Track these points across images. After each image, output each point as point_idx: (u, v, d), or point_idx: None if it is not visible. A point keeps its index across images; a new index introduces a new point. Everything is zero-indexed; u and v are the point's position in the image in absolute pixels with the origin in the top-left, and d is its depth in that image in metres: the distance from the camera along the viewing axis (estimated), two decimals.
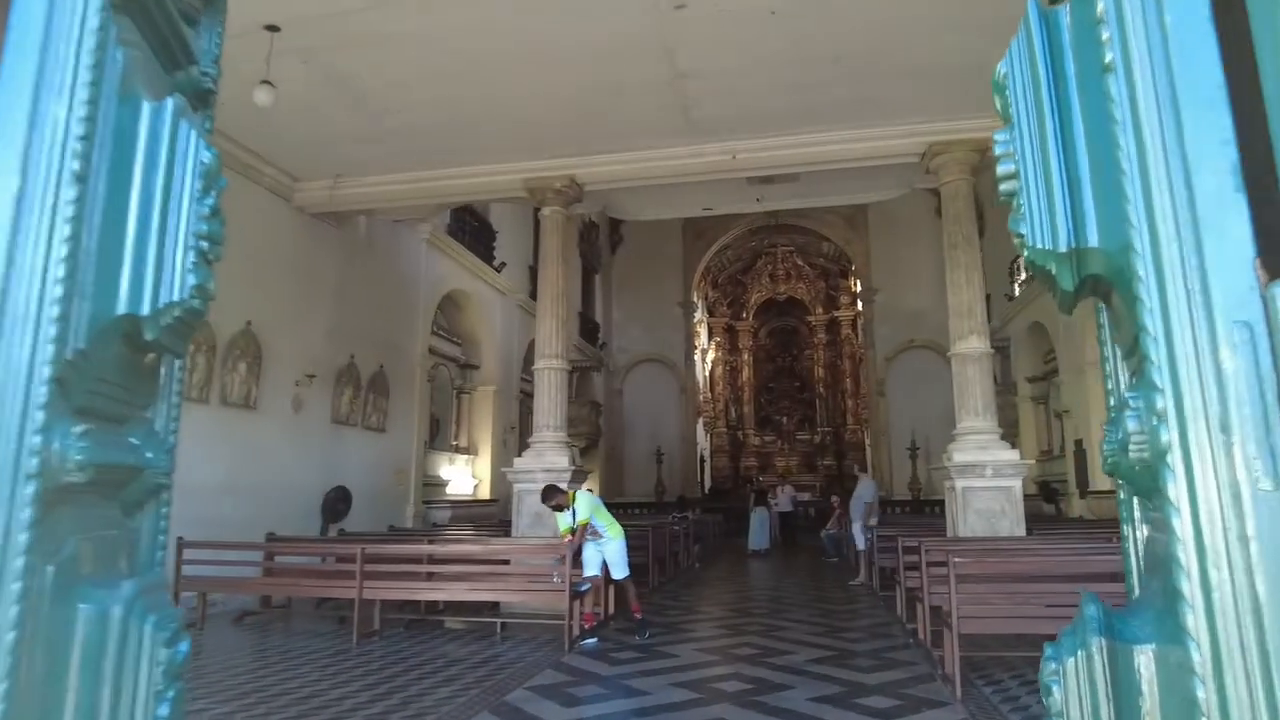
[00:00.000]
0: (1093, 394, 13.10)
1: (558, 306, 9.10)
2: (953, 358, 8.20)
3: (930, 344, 20.94)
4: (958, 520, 7.62)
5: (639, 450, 22.25)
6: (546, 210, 9.32)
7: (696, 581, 11.26)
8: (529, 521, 8.59)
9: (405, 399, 12.50)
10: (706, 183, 9.77)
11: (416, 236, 12.83)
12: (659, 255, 22.78)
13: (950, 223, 8.33)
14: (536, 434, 8.97)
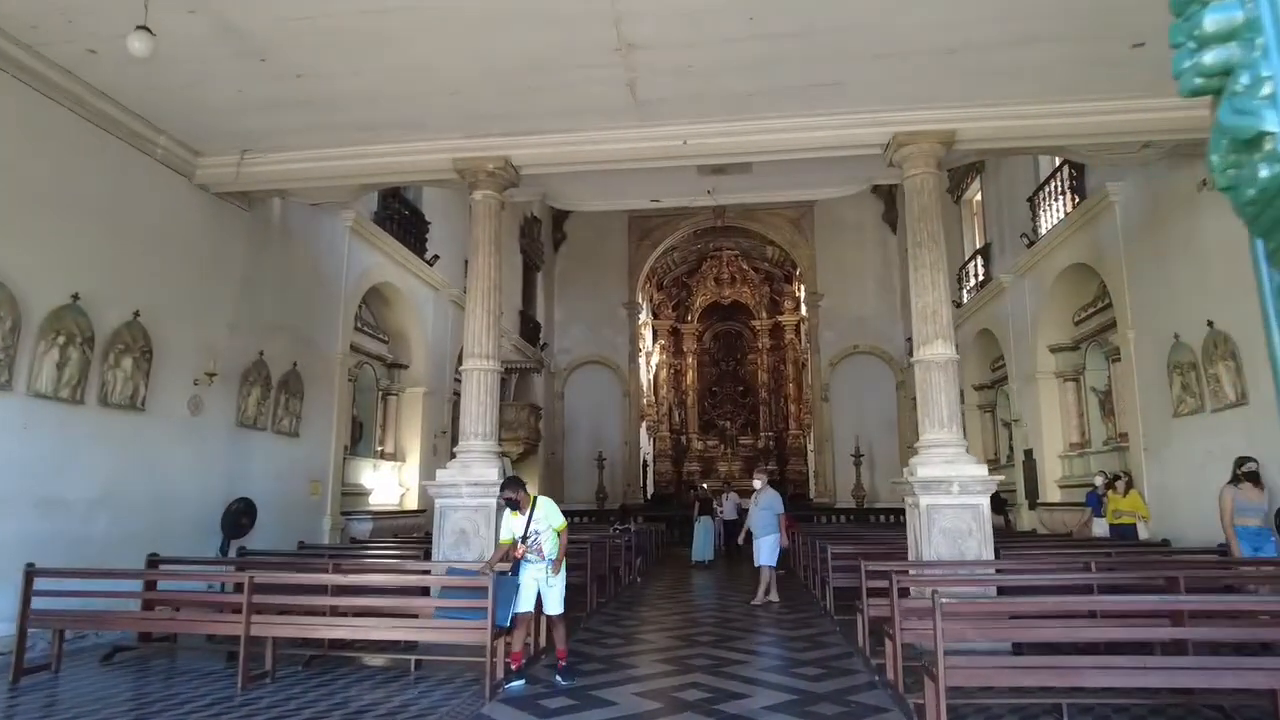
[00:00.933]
0: (1044, 402, 12.76)
1: (489, 301, 8.17)
2: (916, 364, 7.57)
3: (874, 350, 20.65)
4: (922, 540, 6.96)
5: (580, 455, 21.36)
6: (478, 194, 8.38)
7: (638, 600, 10.43)
8: (452, 541, 7.63)
9: (323, 400, 11.37)
10: (654, 171, 8.96)
11: (339, 224, 11.71)
12: (603, 254, 21.95)
13: (915, 219, 7.70)
14: (463, 443, 8.02)
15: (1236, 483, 7.11)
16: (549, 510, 6.17)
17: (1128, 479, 9.55)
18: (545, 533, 6.06)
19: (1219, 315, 8.44)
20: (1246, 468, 7.11)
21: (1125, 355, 10.24)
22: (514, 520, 6.12)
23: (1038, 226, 12.58)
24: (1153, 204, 9.62)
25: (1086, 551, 7.61)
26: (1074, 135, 7.75)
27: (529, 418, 17.32)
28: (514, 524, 6.12)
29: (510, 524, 6.12)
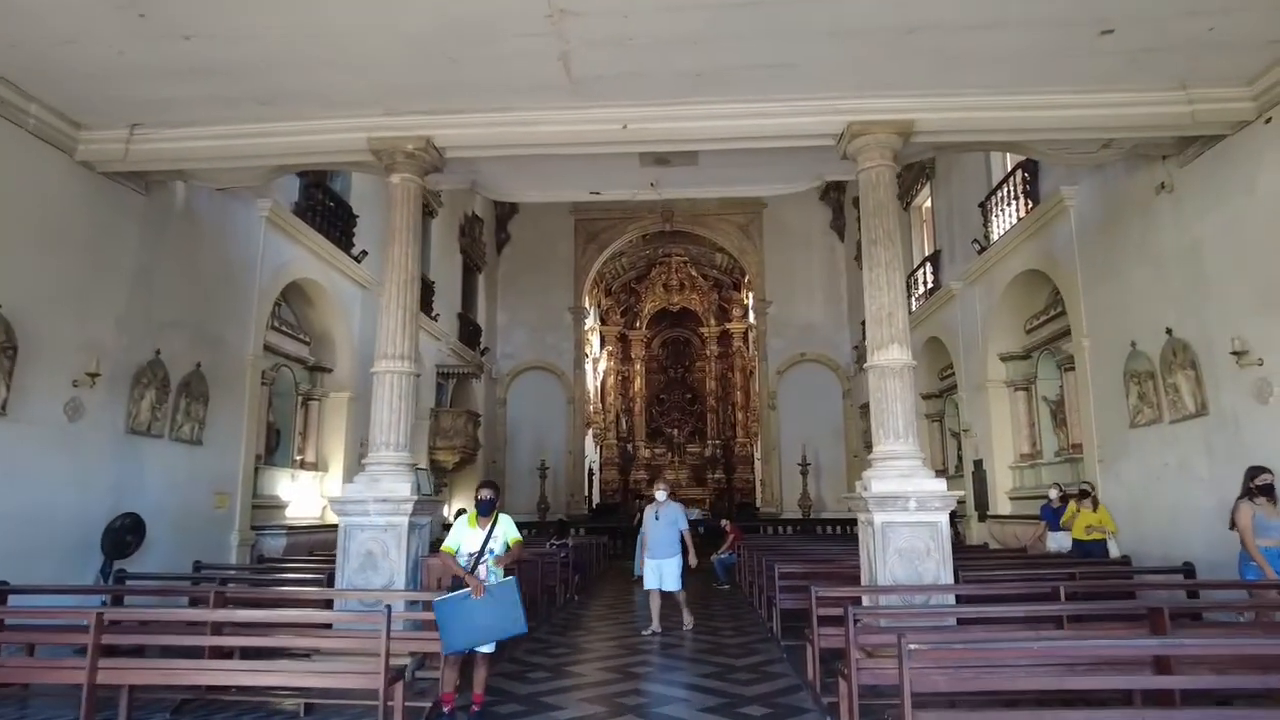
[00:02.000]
0: (994, 411, 12.37)
1: (405, 295, 7.32)
2: (869, 370, 6.95)
3: (821, 358, 20.26)
4: (876, 562, 6.33)
5: (522, 464, 20.46)
6: (396, 178, 7.52)
7: (574, 623, 9.62)
8: (358, 565, 6.74)
9: (232, 405, 10.31)
10: (594, 160, 8.22)
11: (253, 213, 10.68)
12: (549, 257, 21.14)
13: (869, 215, 7.11)
14: (372, 454, 7.14)
15: (1251, 497, 6.12)
16: (508, 527, 5.52)
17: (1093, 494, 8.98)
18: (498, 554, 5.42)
19: (1178, 323, 8.06)
20: (1261, 480, 6.12)
21: (1079, 364, 9.85)
22: (469, 532, 5.31)
23: (989, 232, 12.22)
24: (1108, 208, 9.25)
25: (1052, 571, 7.09)
26: (1035, 129, 7.26)
27: (466, 425, 16.37)
28: (468, 536, 5.32)
29: (462, 534, 5.31)
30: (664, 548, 8.72)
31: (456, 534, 5.46)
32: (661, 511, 8.87)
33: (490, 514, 5.48)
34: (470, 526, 5.45)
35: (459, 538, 5.42)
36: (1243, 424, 7.26)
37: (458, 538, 5.42)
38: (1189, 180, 7.94)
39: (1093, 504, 8.79)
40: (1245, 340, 7.09)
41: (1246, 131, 7.18)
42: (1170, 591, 6.45)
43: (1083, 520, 8.76)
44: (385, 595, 6.55)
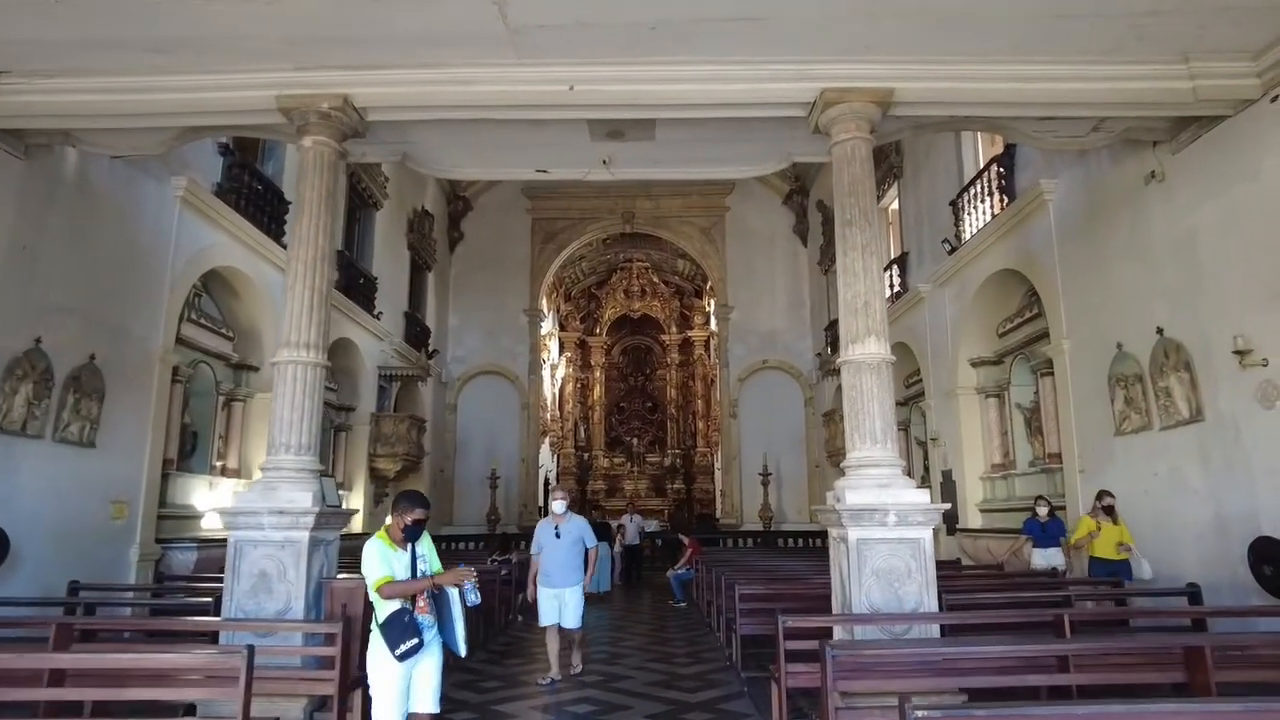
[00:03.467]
0: (964, 420, 11.65)
1: (314, 275, 6.28)
2: (844, 366, 6.10)
3: (783, 365, 19.54)
4: (850, 584, 5.45)
5: (473, 473, 19.27)
6: (308, 141, 6.49)
7: (514, 649, 8.59)
8: (249, 587, 5.66)
9: (135, 403, 9.09)
10: (540, 131, 7.29)
11: (166, 191, 9.51)
12: (504, 258, 20.08)
13: (843, 194, 6.28)
14: (270, 457, 6.07)
15: None
16: (428, 543, 4.24)
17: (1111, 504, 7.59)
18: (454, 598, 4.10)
19: (1169, 321, 7.37)
20: None
21: (1059, 368, 9.16)
22: (394, 556, 3.98)
23: (960, 232, 11.54)
24: (1091, 201, 8.58)
25: (1046, 596, 6.29)
26: (1025, 104, 6.52)
27: (409, 431, 15.22)
28: (395, 560, 3.98)
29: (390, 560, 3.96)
30: (565, 573, 6.82)
31: (383, 560, 3.94)
32: (563, 528, 6.90)
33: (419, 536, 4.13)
34: (390, 548, 4.08)
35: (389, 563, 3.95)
36: (1243, 430, 6.56)
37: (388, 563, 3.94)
38: (1181, 168, 7.27)
39: (1113, 519, 7.54)
40: (1249, 338, 6.40)
41: (1249, 113, 6.52)
42: (1175, 617, 5.66)
43: (1109, 536, 7.45)
44: (279, 625, 5.51)
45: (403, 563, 3.99)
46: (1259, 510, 6.35)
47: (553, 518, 7.08)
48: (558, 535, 6.90)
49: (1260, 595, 6.12)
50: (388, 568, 3.89)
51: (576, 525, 7.07)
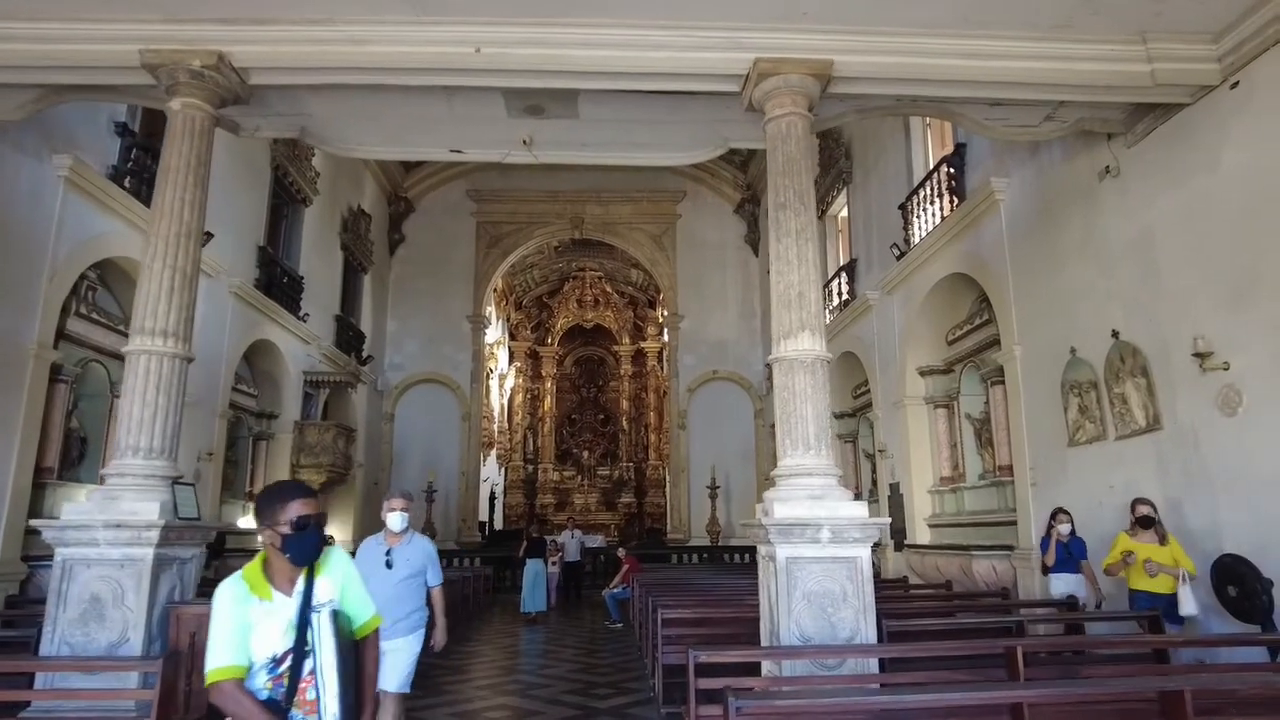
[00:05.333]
0: (912, 431, 11.12)
1: (176, 253, 5.44)
2: (775, 364, 5.45)
3: (733, 376, 18.97)
4: (779, 609, 4.76)
5: (410, 486, 18.08)
6: (177, 103, 5.66)
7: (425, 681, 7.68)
8: (77, 614, 4.75)
9: (3, 404, 8.07)
10: (452, 105, 6.57)
11: (46, 171, 8.52)
12: (447, 262, 19.19)
13: (778, 174, 5.65)
14: (114, 462, 5.19)
15: None
16: (348, 572, 2.51)
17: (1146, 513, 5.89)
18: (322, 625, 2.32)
19: (1125, 324, 6.88)
20: None
21: (1010, 375, 8.65)
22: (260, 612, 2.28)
23: (910, 236, 11.06)
24: (1043, 200, 8.11)
25: (996, 623, 5.66)
26: (975, 81, 5.97)
27: (336, 440, 14.22)
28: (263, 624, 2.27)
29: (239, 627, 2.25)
30: (393, 618, 4.35)
31: (232, 628, 2.24)
32: (399, 553, 4.58)
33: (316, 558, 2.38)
34: (259, 597, 2.29)
35: (240, 633, 2.24)
36: (1203, 439, 6.06)
37: (238, 635, 2.24)
38: (1136, 162, 6.82)
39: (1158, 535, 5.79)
40: (1209, 340, 5.91)
41: (1208, 101, 6.08)
42: (1135, 646, 5.07)
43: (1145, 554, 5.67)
44: (110, 664, 4.61)
45: (280, 624, 2.24)
46: (1221, 526, 5.84)
47: (385, 537, 4.64)
48: (389, 564, 4.53)
49: (1223, 617, 5.59)
50: (235, 643, 2.18)
51: (419, 551, 4.68)
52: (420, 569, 4.65)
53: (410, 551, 4.63)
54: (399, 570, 4.53)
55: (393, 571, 4.53)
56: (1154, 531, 5.80)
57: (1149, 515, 5.85)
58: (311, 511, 2.32)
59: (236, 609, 2.22)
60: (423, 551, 4.71)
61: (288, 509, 2.30)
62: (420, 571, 4.65)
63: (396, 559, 4.56)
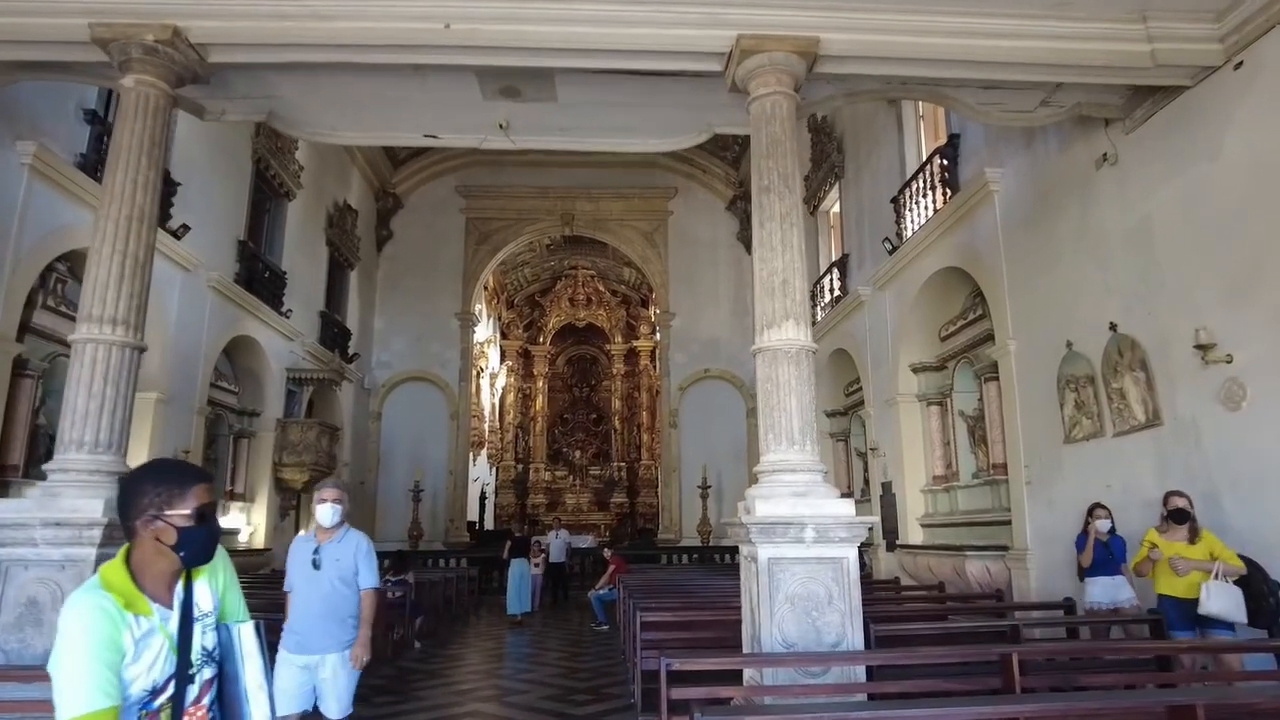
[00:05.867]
0: (905, 429, 10.86)
1: (127, 237, 5.14)
2: (758, 355, 5.17)
3: (725, 375, 18.69)
4: (760, 612, 4.47)
5: (397, 485, 17.95)
6: (130, 80, 5.36)
7: (403, 683, 7.41)
8: (15, 619, 4.45)
9: None
10: (426, 87, 6.28)
11: (10, 158, 8.21)
12: (436, 258, 18.89)
13: (761, 156, 5.37)
14: (59, 457, 4.89)
15: None
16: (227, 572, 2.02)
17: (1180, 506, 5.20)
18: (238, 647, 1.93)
19: (1124, 317, 6.62)
20: None
21: (1004, 370, 8.38)
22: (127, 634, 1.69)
23: (902, 230, 10.79)
24: (1039, 191, 7.85)
25: (989, 627, 5.38)
26: (969, 61, 5.69)
27: (319, 438, 13.89)
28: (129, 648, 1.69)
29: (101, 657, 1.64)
30: (326, 628, 3.93)
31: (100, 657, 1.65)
32: (328, 551, 4.05)
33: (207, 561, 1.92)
34: (136, 613, 1.74)
35: (111, 664, 1.66)
36: (1205, 435, 5.80)
37: (108, 667, 1.65)
38: (1135, 150, 6.56)
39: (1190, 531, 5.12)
40: (1211, 332, 5.64)
41: (1210, 83, 5.82)
42: (1139, 652, 4.79)
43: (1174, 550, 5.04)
44: (35, 675, 4.29)
45: (160, 644, 1.77)
46: (1224, 526, 5.56)
47: (314, 533, 4.15)
48: (316, 564, 4.00)
49: None
50: (104, 678, 1.64)
51: (350, 549, 4.09)
52: (352, 572, 4.07)
53: (341, 550, 4.06)
54: (327, 571, 3.99)
55: (320, 572, 3.99)
56: (1187, 529, 5.14)
57: (1184, 509, 5.15)
58: (212, 499, 1.91)
59: (105, 631, 1.67)
60: (354, 550, 4.09)
61: (187, 495, 1.83)
62: (353, 574, 4.07)
63: (325, 558, 4.01)
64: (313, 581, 3.97)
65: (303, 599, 3.98)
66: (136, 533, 1.81)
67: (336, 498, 4.11)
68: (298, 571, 4.03)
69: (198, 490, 1.87)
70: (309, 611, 3.93)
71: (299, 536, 4.27)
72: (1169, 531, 5.22)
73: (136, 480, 1.87)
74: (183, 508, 1.82)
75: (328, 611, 3.92)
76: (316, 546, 4.05)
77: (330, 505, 4.08)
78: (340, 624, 3.96)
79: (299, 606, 3.98)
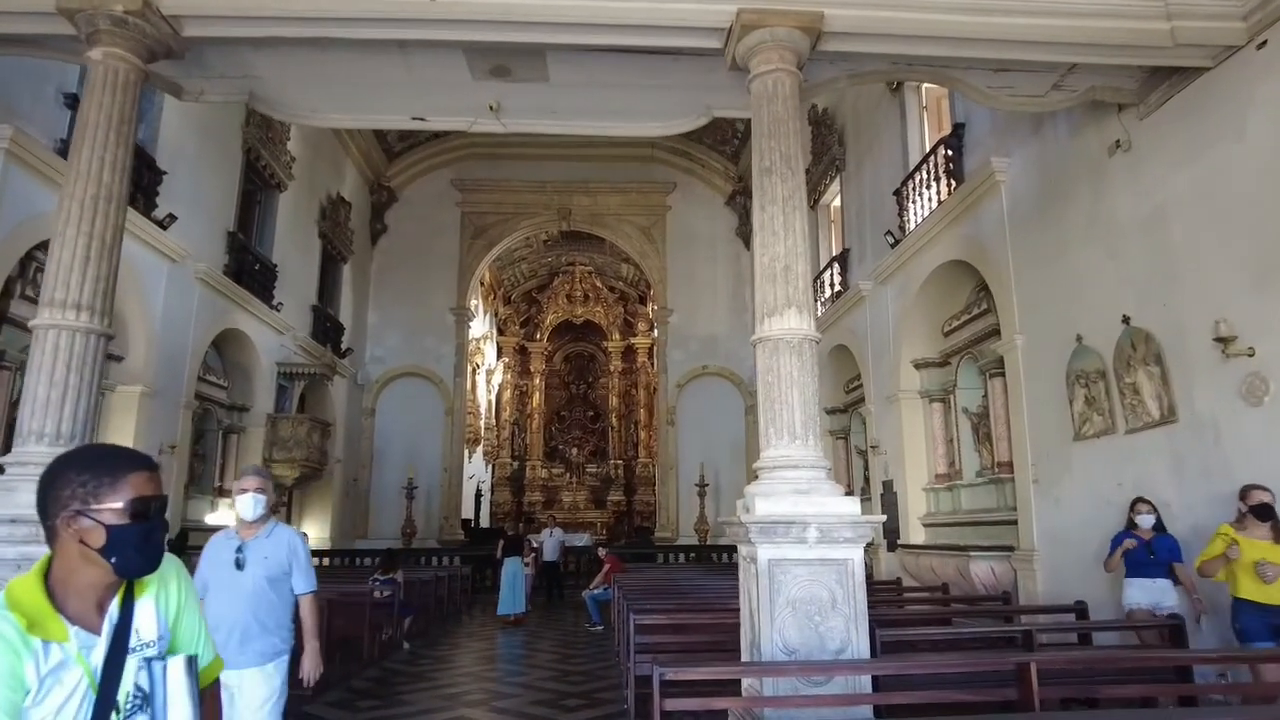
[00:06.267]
0: (906, 426, 10.58)
1: (93, 218, 4.85)
2: (758, 345, 4.89)
3: (723, 372, 18.43)
4: (760, 617, 4.20)
5: (392, 482, 17.67)
6: (97, 53, 5.08)
7: (388, 686, 7.12)
8: None
9: None
10: (411, 66, 6.01)
11: None
12: (431, 253, 18.60)
13: (763, 135, 5.10)
14: (17, 449, 4.61)
15: None
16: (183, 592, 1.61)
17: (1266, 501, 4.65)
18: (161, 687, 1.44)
19: (1137, 309, 6.34)
20: None
21: (1011, 366, 8.11)
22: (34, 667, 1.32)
23: (905, 223, 10.52)
24: (1048, 180, 7.58)
25: (1000, 632, 5.11)
26: (976, 39, 5.41)
27: (310, 434, 13.60)
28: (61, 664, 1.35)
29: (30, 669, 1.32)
30: (248, 639, 3.37)
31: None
32: (253, 548, 3.48)
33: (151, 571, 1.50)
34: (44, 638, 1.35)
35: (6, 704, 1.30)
36: (1225, 432, 5.53)
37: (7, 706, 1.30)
38: (1150, 135, 6.28)
39: (1273, 530, 4.57)
40: (1232, 324, 5.37)
41: (1232, 64, 5.54)
42: (1161, 661, 4.52)
43: (1258, 552, 4.47)
44: None
45: (62, 688, 1.36)
46: None
47: (237, 529, 3.54)
48: (239, 564, 3.43)
49: None
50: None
51: (283, 547, 3.53)
52: (282, 571, 3.48)
53: (270, 547, 3.47)
54: (253, 572, 3.40)
55: (244, 574, 3.39)
56: (1269, 528, 4.54)
57: (1268, 504, 4.58)
58: (154, 492, 1.47)
59: (2, 662, 1.31)
60: (285, 547, 3.51)
61: (120, 485, 1.43)
62: (282, 575, 3.48)
63: (250, 557, 3.42)
64: (234, 584, 3.39)
65: (220, 605, 3.34)
66: (57, 534, 1.42)
67: (259, 487, 3.50)
68: (215, 573, 3.42)
69: (134, 479, 1.44)
70: (227, 620, 3.31)
71: (218, 535, 3.61)
72: (1249, 529, 4.60)
73: (58, 468, 1.46)
74: (113, 500, 1.41)
75: (250, 620, 3.35)
76: (240, 544, 3.46)
77: (252, 496, 3.47)
78: (264, 634, 3.38)
79: (214, 614, 3.26)
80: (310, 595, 3.59)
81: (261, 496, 3.50)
